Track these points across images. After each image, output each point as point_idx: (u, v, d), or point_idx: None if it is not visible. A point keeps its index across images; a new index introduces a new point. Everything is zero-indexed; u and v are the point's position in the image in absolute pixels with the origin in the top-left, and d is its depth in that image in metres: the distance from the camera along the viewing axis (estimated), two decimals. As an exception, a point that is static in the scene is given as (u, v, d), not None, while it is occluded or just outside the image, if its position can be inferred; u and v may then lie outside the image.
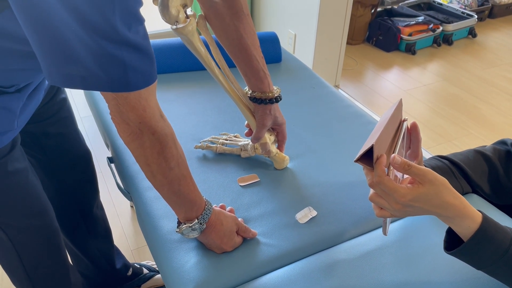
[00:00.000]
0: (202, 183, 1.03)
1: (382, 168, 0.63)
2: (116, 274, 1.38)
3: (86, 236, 1.26)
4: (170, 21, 0.81)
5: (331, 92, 1.41)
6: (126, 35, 0.57)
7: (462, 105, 2.61)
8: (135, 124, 0.66)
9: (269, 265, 0.86)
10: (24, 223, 0.93)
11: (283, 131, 1.05)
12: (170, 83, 1.42)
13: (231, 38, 0.91)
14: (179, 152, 0.75)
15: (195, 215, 0.81)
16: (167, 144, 0.71)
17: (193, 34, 0.85)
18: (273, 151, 1.04)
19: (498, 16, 3.78)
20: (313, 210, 0.96)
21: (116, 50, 0.57)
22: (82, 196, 1.22)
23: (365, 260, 0.85)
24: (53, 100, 1.03)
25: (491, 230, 0.66)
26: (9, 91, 0.77)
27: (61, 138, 1.09)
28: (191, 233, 0.83)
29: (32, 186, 0.92)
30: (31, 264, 0.99)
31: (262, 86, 0.96)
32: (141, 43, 0.60)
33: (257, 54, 0.93)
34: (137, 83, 0.62)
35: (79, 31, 0.55)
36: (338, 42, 2.54)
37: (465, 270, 0.80)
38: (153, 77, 0.64)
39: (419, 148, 0.78)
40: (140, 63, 0.61)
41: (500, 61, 3.11)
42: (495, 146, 0.98)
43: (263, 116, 0.98)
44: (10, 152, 0.84)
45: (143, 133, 0.68)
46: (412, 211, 0.66)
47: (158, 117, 0.69)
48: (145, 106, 0.65)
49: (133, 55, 0.59)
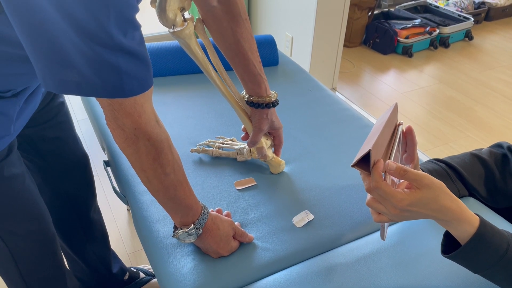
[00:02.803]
0: (199, 187, 1.03)
1: (379, 173, 0.63)
2: (113, 279, 1.37)
3: (83, 240, 1.25)
4: (167, 24, 0.80)
5: (328, 95, 1.41)
6: (121, 42, 0.57)
7: (459, 107, 2.61)
8: (130, 130, 0.66)
9: (266, 269, 0.86)
10: (20, 228, 0.92)
11: (280, 136, 1.05)
12: (167, 86, 1.41)
13: (228, 42, 0.91)
14: (174, 158, 0.75)
15: (192, 220, 0.81)
16: (163, 150, 0.71)
17: (190, 38, 0.84)
18: (269, 156, 1.04)
19: (495, 18, 3.79)
20: (310, 213, 0.96)
21: (111, 56, 0.57)
22: (79, 200, 1.21)
23: (362, 264, 0.85)
24: (50, 104, 1.03)
25: (488, 234, 0.66)
26: (5, 96, 0.77)
27: (59, 142, 1.09)
28: (187, 238, 0.82)
29: (28, 191, 0.91)
30: (27, 269, 0.98)
31: (259, 91, 0.96)
32: (137, 49, 0.60)
33: (254, 59, 0.93)
34: (132, 89, 0.61)
35: (74, 37, 0.54)
36: (335, 45, 2.54)
37: (462, 274, 0.80)
38: (149, 83, 0.64)
39: (415, 152, 0.78)
40: (136, 69, 0.60)
41: (496, 64, 3.12)
42: (491, 149, 0.98)
43: (260, 120, 0.98)
44: (7, 157, 0.84)
45: (139, 139, 0.67)
46: (409, 216, 0.66)
47: (154, 123, 0.69)
48: (140, 112, 0.65)
49: (128, 61, 0.59)
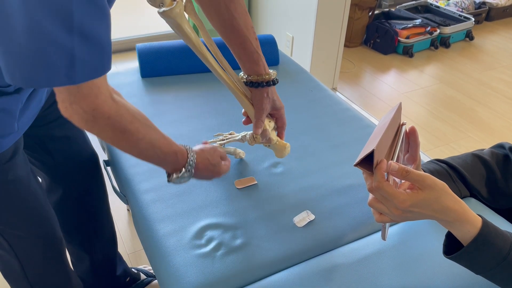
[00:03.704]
0: (199, 187, 1.02)
1: (382, 173, 0.63)
2: (115, 280, 1.37)
3: (92, 237, 1.25)
4: (154, 4, 0.78)
5: (328, 95, 1.40)
6: (82, 24, 0.56)
7: (459, 107, 2.61)
8: (88, 112, 0.65)
9: (266, 269, 0.86)
10: (26, 232, 0.92)
11: (282, 116, 1.00)
12: (167, 86, 1.41)
13: (222, 19, 0.89)
14: (141, 122, 0.74)
15: (182, 164, 0.83)
16: (126, 122, 0.71)
17: (181, 17, 0.81)
18: (274, 139, 0.98)
19: (495, 18, 3.79)
20: (311, 213, 0.96)
21: (67, 39, 0.56)
22: (90, 198, 1.21)
23: (363, 264, 0.85)
24: (56, 103, 1.03)
25: (491, 235, 0.65)
26: (8, 91, 0.77)
27: (67, 141, 1.09)
28: (182, 180, 0.84)
29: (34, 195, 0.91)
30: (34, 273, 0.98)
31: (257, 69, 0.92)
32: (97, 33, 0.59)
33: (250, 36, 0.90)
34: (85, 75, 0.61)
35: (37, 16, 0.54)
36: (335, 45, 2.54)
37: (464, 275, 0.80)
38: (105, 69, 0.63)
39: (417, 152, 0.78)
40: (90, 56, 0.60)
41: (497, 64, 3.12)
42: (493, 150, 0.98)
43: (261, 100, 0.94)
44: (11, 159, 0.83)
45: (98, 120, 0.67)
46: (412, 216, 0.66)
47: (110, 101, 0.68)
48: (97, 93, 0.64)
49: (84, 47, 0.58)
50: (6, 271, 0.99)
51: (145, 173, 1.07)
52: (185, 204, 0.98)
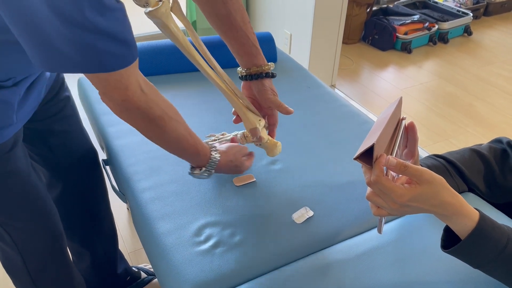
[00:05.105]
0: (198, 184, 1.02)
1: (381, 168, 0.63)
2: (116, 279, 1.37)
3: (92, 234, 1.26)
4: (140, 3, 0.78)
5: (327, 92, 1.40)
6: (97, 23, 0.59)
7: (458, 103, 2.61)
8: (119, 102, 0.71)
9: (266, 266, 0.86)
10: (27, 224, 0.93)
11: (275, 114, 0.99)
12: (165, 84, 1.41)
13: (220, 15, 0.89)
14: (171, 117, 0.79)
15: (203, 163, 0.90)
16: (155, 114, 0.75)
17: (167, 17, 0.81)
18: (265, 138, 0.97)
19: (493, 14, 3.79)
20: (310, 210, 0.96)
21: (88, 36, 0.59)
22: (89, 194, 1.22)
23: (362, 260, 0.85)
24: (56, 97, 1.04)
25: (488, 229, 0.66)
26: (6, 85, 0.78)
27: (66, 136, 1.09)
28: (202, 177, 0.93)
29: (34, 187, 0.92)
30: (35, 268, 0.99)
31: (256, 61, 0.92)
32: (114, 30, 0.62)
33: (248, 30, 0.90)
34: (112, 65, 0.64)
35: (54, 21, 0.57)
36: (333, 42, 2.53)
37: (462, 270, 0.80)
38: (129, 60, 0.66)
39: (415, 148, 0.78)
40: (114, 47, 0.63)
41: (495, 59, 3.12)
42: (491, 144, 0.98)
43: (263, 90, 0.94)
44: (11, 150, 0.84)
45: (128, 110, 0.73)
46: (409, 211, 0.66)
47: (139, 93, 0.72)
48: (127, 84, 0.68)
49: (106, 41, 0.61)
50: (8, 265, 0.99)
51: (144, 171, 1.07)
52: (184, 202, 0.98)
